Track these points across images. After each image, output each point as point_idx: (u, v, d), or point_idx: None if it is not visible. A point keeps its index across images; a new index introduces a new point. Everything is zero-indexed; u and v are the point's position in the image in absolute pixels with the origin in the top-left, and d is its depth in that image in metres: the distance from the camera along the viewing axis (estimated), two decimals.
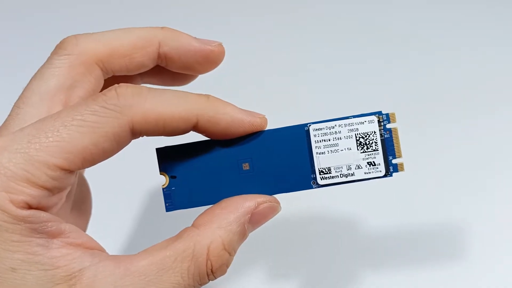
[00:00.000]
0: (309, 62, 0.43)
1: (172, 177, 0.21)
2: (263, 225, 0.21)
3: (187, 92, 0.20)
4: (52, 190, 0.18)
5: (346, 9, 0.45)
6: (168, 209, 0.21)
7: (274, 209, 0.21)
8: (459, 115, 0.39)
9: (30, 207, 0.17)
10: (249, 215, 0.20)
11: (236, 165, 0.21)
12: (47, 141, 0.17)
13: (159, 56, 0.22)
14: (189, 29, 0.23)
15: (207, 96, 0.20)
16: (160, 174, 0.22)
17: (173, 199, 0.21)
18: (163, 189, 0.21)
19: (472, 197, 0.35)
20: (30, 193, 0.17)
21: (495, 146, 0.37)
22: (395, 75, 0.41)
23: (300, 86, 0.42)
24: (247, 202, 0.20)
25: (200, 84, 0.26)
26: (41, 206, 0.18)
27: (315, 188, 0.21)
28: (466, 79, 0.41)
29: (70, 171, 0.18)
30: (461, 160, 0.37)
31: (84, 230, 0.25)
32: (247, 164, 0.21)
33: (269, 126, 0.21)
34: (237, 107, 0.21)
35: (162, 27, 0.22)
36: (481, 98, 0.40)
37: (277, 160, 0.21)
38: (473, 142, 0.38)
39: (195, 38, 0.23)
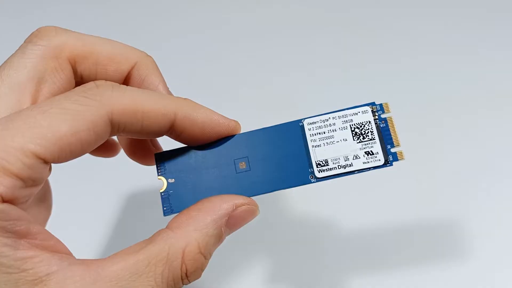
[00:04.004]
0: (308, 62, 0.43)
1: (170, 181, 0.21)
2: (261, 224, 0.20)
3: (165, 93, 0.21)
4: (26, 181, 0.17)
5: (346, 9, 0.46)
6: (165, 213, 0.21)
7: (252, 212, 0.20)
8: (458, 114, 0.39)
9: (2, 199, 0.16)
10: (227, 218, 0.20)
11: (232, 164, 0.21)
12: (23, 127, 0.16)
13: (130, 76, 0.22)
14: (187, 28, 0.24)
15: (185, 98, 0.21)
16: (158, 178, 0.21)
17: (171, 203, 0.21)
18: (161, 193, 0.21)
19: (471, 196, 0.35)
20: (4, 183, 0.16)
21: (495, 145, 0.37)
22: (394, 74, 0.42)
23: (298, 85, 0.42)
24: (224, 204, 0.20)
25: (196, 84, 0.26)
26: (13, 198, 0.16)
27: (314, 182, 0.20)
28: (466, 78, 0.41)
29: (45, 162, 0.17)
30: (461, 159, 0.37)
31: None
32: (243, 163, 0.21)
33: (266, 125, 0.22)
34: (212, 110, 0.21)
35: (146, 55, 0.22)
36: (480, 97, 0.40)
37: (273, 157, 0.21)
38: (473, 141, 0.37)
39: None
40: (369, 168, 0.20)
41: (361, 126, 0.20)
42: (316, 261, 0.33)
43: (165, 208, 0.21)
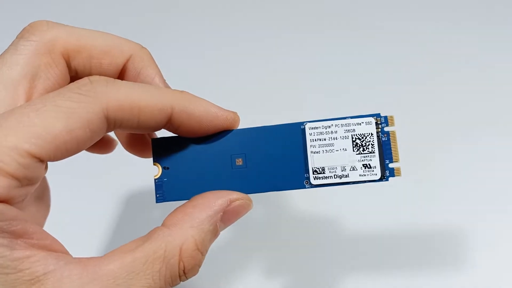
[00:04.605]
0: (308, 62, 0.43)
1: (165, 168, 0.21)
2: (261, 224, 0.21)
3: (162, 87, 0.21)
4: (21, 181, 0.16)
5: (346, 9, 0.46)
6: (158, 200, 0.21)
7: (246, 206, 0.20)
8: (458, 114, 0.39)
9: None
10: (221, 213, 0.20)
11: (229, 160, 0.21)
12: (17, 126, 0.16)
13: (125, 69, 0.22)
14: (187, 28, 0.23)
15: (182, 90, 0.20)
16: (154, 164, 0.21)
17: (164, 190, 0.21)
18: (155, 179, 0.21)
19: (472, 199, 0.35)
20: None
21: (494, 147, 0.37)
22: (394, 75, 0.42)
23: (298, 86, 0.42)
24: (219, 200, 0.20)
25: (195, 84, 0.26)
26: (9, 198, 0.16)
27: (307, 188, 0.20)
28: (466, 79, 0.41)
29: (41, 160, 0.17)
30: (460, 161, 0.37)
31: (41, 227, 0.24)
32: (240, 159, 0.21)
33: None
34: (210, 102, 0.21)
35: (142, 47, 0.22)
36: (480, 98, 0.40)
37: (271, 157, 0.21)
38: (473, 142, 0.38)
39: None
40: (364, 181, 0.20)
41: (362, 138, 0.20)
42: (316, 261, 0.34)
43: (158, 195, 0.21)
